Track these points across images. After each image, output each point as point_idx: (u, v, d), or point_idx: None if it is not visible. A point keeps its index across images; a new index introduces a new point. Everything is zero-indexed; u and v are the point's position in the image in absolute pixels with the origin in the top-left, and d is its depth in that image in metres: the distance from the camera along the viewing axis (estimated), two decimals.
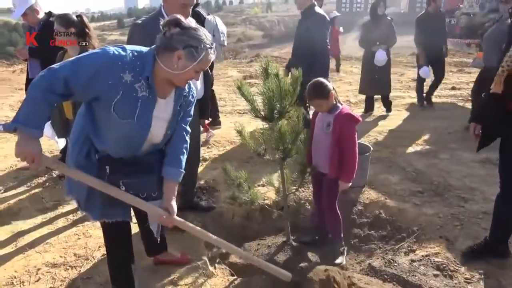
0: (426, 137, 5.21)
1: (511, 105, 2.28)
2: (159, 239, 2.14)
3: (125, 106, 1.69)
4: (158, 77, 1.73)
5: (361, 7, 60.12)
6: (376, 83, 6.16)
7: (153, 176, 1.94)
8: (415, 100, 7.04)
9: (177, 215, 1.94)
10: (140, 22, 2.79)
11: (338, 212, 2.79)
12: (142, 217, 2.23)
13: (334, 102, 2.61)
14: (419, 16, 6.60)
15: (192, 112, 2.03)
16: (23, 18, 4.05)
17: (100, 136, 1.82)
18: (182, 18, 1.68)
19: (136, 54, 1.70)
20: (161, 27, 1.68)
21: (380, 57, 6.01)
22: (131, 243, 2.17)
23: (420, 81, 6.65)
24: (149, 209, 1.89)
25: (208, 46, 1.69)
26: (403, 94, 7.93)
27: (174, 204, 1.91)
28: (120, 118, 1.70)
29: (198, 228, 2.03)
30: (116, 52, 1.66)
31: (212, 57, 1.74)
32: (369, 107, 6.60)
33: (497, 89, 2.23)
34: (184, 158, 1.99)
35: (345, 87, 8.97)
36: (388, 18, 6.10)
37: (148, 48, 1.75)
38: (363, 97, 7.88)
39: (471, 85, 8.71)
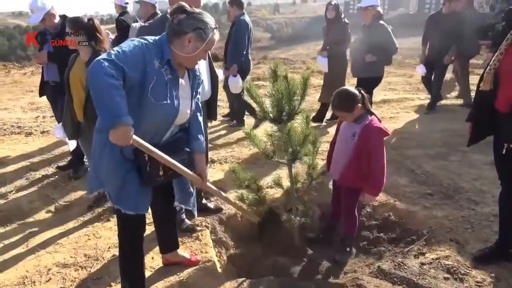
0: (435, 139, 5.17)
1: (498, 102, 2.35)
2: (193, 207, 2.46)
3: (159, 90, 1.87)
4: (177, 62, 1.93)
5: None
6: (327, 90, 5.73)
7: (182, 154, 2.10)
8: (424, 102, 6.98)
9: None
10: (147, 24, 2.83)
11: (357, 216, 2.84)
12: (160, 215, 2.43)
13: (362, 112, 2.57)
14: (431, 14, 6.57)
15: (200, 89, 2.21)
16: (40, 23, 4.15)
17: (139, 121, 1.85)
18: (186, 4, 1.90)
19: (155, 42, 1.89)
20: (168, 16, 1.87)
21: (319, 62, 5.90)
22: (143, 240, 2.24)
23: (425, 79, 6.58)
24: (188, 174, 2.12)
25: (213, 26, 1.92)
26: (412, 96, 7.87)
27: (206, 171, 2.26)
28: (156, 101, 1.86)
29: (224, 194, 2.51)
30: (146, 43, 1.86)
31: (217, 37, 1.97)
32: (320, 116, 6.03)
33: (485, 87, 2.33)
34: (202, 128, 2.23)
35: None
36: (345, 21, 5.80)
37: (155, 37, 1.92)
38: (371, 98, 7.87)
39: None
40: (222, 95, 7.97)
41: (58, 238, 3.02)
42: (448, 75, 7.02)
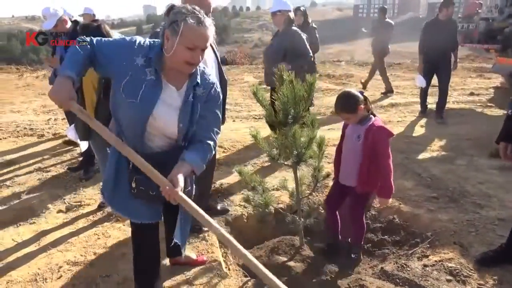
0: (442, 143, 5.18)
1: None
2: (179, 242, 2.13)
3: (131, 87, 1.78)
4: (167, 65, 1.81)
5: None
6: None
7: (167, 172, 1.83)
8: (431, 106, 6.94)
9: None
10: (158, 30, 2.88)
11: (364, 222, 2.83)
12: (170, 224, 2.31)
13: (366, 113, 2.58)
14: (427, 21, 6.48)
15: (218, 114, 1.98)
16: (53, 28, 4.31)
17: (117, 122, 1.92)
18: (177, 3, 1.81)
19: (153, 43, 1.84)
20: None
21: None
22: (157, 243, 2.18)
23: (423, 90, 6.54)
24: (154, 176, 1.78)
25: (186, 16, 1.68)
26: (419, 100, 7.87)
27: (180, 178, 1.78)
28: (125, 97, 1.79)
29: (200, 210, 1.78)
30: (138, 40, 1.84)
31: (199, 27, 1.69)
32: None
33: None
34: (205, 156, 1.92)
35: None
36: (313, 25, 5.88)
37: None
38: (379, 102, 7.88)
39: (491, 90, 8.63)
40: (229, 98, 8.06)
41: (69, 237, 3.10)
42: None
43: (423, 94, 6.59)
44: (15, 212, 3.51)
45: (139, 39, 1.85)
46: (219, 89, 1.99)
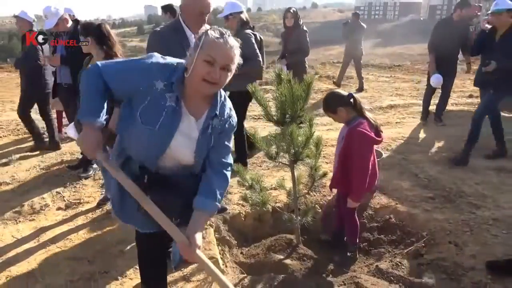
0: (440, 144, 5.21)
1: None
2: (174, 269, 2.10)
3: (150, 113, 1.66)
4: (188, 89, 1.68)
5: (379, 14, 59.88)
6: None
7: (179, 199, 1.79)
8: (431, 108, 6.92)
9: None
10: (158, 29, 2.92)
11: (357, 220, 2.86)
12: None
13: (353, 115, 2.60)
14: (440, 20, 6.41)
15: (229, 144, 1.86)
16: (54, 28, 4.35)
17: (124, 138, 1.82)
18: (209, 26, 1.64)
19: (175, 65, 1.68)
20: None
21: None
22: (163, 247, 2.15)
23: (428, 92, 6.28)
24: (172, 230, 1.69)
25: (208, 30, 1.59)
26: (419, 102, 7.88)
27: (198, 237, 1.69)
28: (143, 123, 1.67)
29: (217, 271, 1.71)
30: (156, 60, 1.68)
31: (221, 41, 1.57)
32: None
33: None
34: (221, 191, 1.80)
35: (360, 93, 8.99)
36: (304, 28, 5.62)
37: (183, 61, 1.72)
38: (378, 104, 7.92)
39: None
40: None
41: (68, 234, 3.14)
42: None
43: (427, 98, 6.36)
44: (15, 209, 3.54)
45: (156, 59, 1.69)
46: (234, 121, 1.85)
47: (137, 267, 2.59)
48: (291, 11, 5.60)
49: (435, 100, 6.53)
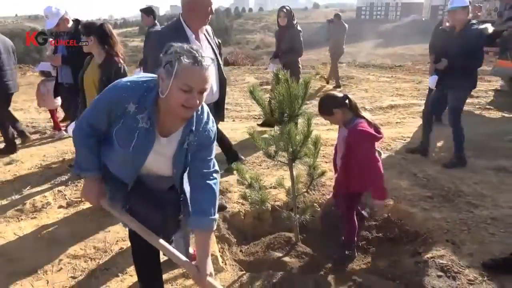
0: (440, 144, 5.23)
1: None
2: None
3: (124, 135, 1.70)
4: (161, 109, 1.67)
5: (381, 14, 59.83)
6: None
7: (159, 214, 1.90)
8: None
9: None
10: (158, 29, 2.93)
11: (355, 221, 2.87)
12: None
13: (350, 116, 2.60)
14: (440, 21, 6.43)
15: (211, 157, 1.82)
16: (55, 28, 4.41)
17: (105, 154, 1.87)
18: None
19: (145, 85, 1.67)
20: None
21: (270, 70, 5.60)
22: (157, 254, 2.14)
23: (430, 93, 6.06)
24: (182, 262, 1.74)
25: (180, 55, 1.51)
26: (420, 102, 7.91)
27: (208, 262, 1.72)
28: (119, 145, 1.73)
29: None
30: (125, 85, 1.68)
31: (195, 67, 1.51)
32: None
33: None
34: (212, 203, 1.78)
35: (361, 94, 9.02)
36: (298, 28, 5.53)
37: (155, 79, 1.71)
38: (379, 104, 7.94)
39: (490, 93, 8.67)
40: (230, 98, 8.14)
41: (69, 232, 3.17)
42: None
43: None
44: (17, 207, 3.58)
45: (129, 82, 1.69)
46: (212, 133, 1.81)
47: None
48: (284, 10, 5.51)
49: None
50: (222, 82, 3.17)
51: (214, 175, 1.82)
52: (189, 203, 1.89)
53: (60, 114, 6.19)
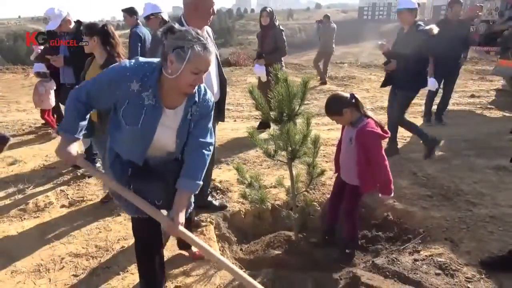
0: (440, 144, 5.23)
1: None
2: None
3: (131, 113, 1.85)
4: (165, 86, 1.84)
5: (383, 14, 59.69)
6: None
7: (162, 182, 2.03)
8: (432, 108, 6.94)
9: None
10: (159, 33, 2.96)
11: (357, 220, 2.91)
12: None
13: (357, 115, 2.63)
14: (436, 22, 6.41)
15: (209, 125, 2.03)
16: (57, 29, 4.46)
17: (113, 139, 2.01)
18: (176, 25, 1.81)
19: (146, 65, 1.84)
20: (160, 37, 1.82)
21: (256, 71, 5.62)
22: (157, 233, 2.22)
23: (431, 93, 6.23)
24: (156, 215, 1.95)
25: (194, 43, 1.71)
26: (420, 102, 7.90)
27: (181, 216, 1.94)
28: (126, 124, 1.86)
29: (201, 242, 2.02)
30: (128, 65, 1.84)
31: (205, 53, 1.74)
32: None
33: None
34: (201, 170, 2.00)
35: (362, 94, 9.03)
36: (280, 28, 5.54)
37: (154, 60, 1.89)
38: (380, 104, 7.95)
39: (492, 93, 8.67)
40: (232, 98, 8.16)
41: (71, 231, 3.20)
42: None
43: (429, 101, 6.33)
44: (20, 206, 3.62)
45: (127, 63, 1.86)
46: (211, 102, 2.02)
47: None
48: (267, 10, 5.55)
49: (436, 101, 6.55)
50: (223, 83, 3.20)
51: (210, 147, 2.05)
52: None
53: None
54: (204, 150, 2.01)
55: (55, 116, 6.06)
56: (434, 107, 6.48)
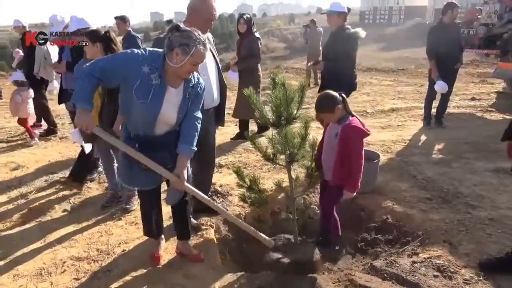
0: (440, 146, 5.25)
1: None
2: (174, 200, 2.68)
3: (142, 90, 2.26)
4: (168, 71, 2.29)
5: (385, 18, 59.66)
6: (240, 106, 5.66)
7: (166, 151, 2.47)
8: (432, 111, 6.93)
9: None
10: (162, 36, 3.02)
11: (335, 215, 2.98)
12: (177, 206, 2.76)
13: (344, 113, 2.71)
14: (433, 26, 6.39)
15: (201, 101, 2.53)
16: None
17: (126, 115, 2.42)
18: (181, 24, 2.27)
19: (153, 53, 2.30)
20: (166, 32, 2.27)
21: (230, 76, 5.58)
22: (159, 202, 2.80)
23: (430, 97, 6.25)
24: (163, 172, 2.40)
25: (197, 43, 2.21)
26: (421, 105, 7.91)
27: (185, 172, 2.43)
28: (138, 99, 2.27)
29: (203, 195, 2.57)
30: (140, 52, 2.28)
31: (204, 51, 2.24)
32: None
33: None
34: (195, 138, 2.47)
35: (362, 98, 9.05)
36: (256, 35, 5.53)
37: (159, 49, 2.34)
38: (380, 107, 7.97)
39: (492, 95, 8.68)
40: (232, 102, 8.19)
41: (73, 235, 3.23)
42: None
43: (428, 104, 6.35)
44: (22, 211, 3.66)
45: (142, 51, 2.29)
46: (203, 85, 2.51)
47: (139, 267, 2.75)
48: (245, 17, 5.55)
49: (435, 103, 6.56)
50: (223, 89, 3.24)
51: (199, 120, 2.52)
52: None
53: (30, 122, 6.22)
54: (196, 122, 2.48)
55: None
56: (433, 111, 6.48)
